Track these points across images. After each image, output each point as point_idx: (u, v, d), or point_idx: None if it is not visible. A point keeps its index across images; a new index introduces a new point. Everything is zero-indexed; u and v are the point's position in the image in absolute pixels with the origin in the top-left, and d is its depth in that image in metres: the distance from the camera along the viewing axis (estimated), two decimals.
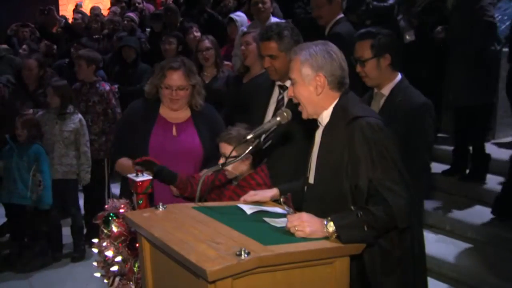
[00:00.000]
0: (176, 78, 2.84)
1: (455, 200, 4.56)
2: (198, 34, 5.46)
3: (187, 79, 2.87)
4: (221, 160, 2.54)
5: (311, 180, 2.14)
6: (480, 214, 4.30)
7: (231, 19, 5.28)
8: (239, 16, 5.33)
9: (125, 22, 7.14)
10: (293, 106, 2.21)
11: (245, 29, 4.76)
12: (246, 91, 3.01)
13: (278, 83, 2.87)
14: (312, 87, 2.04)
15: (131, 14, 7.43)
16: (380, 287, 2.02)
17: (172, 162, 2.75)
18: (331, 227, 1.82)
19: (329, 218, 1.84)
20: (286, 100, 2.81)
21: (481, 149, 4.65)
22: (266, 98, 2.88)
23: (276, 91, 2.88)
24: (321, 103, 2.07)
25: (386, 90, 2.72)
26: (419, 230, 2.15)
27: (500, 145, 5.22)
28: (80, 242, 4.67)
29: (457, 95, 4.54)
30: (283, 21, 3.84)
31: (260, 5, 4.67)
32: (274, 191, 2.30)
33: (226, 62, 4.71)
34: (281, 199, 2.16)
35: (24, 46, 7.10)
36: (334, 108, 2.07)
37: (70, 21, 8.87)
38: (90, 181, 4.69)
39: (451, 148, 4.87)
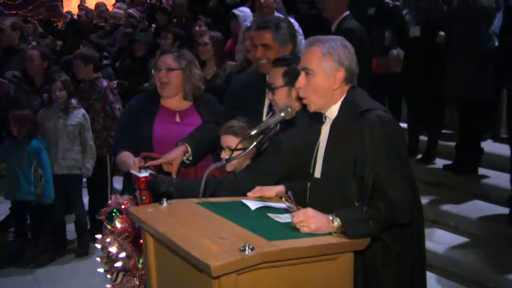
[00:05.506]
0: (164, 59, 2.91)
1: (459, 196, 4.55)
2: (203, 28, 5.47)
3: (176, 61, 2.90)
4: (224, 154, 2.53)
5: (317, 174, 2.13)
6: (485, 210, 4.28)
7: (234, 14, 5.27)
8: (242, 12, 5.31)
9: (127, 18, 7.16)
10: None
11: (248, 24, 4.74)
12: (235, 91, 2.95)
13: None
14: (330, 81, 2.03)
15: (130, 11, 7.43)
16: (377, 279, 2.02)
17: None
18: (337, 222, 1.82)
19: (335, 214, 1.84)
20: None
21: (476, 142, 4.65)
22: (259, 96, 2.81)
23: None
24: (333, 97, 2.07)
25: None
26: (419, 225, 2.15)
27: (505, 141, 5.19)
28: (84, 238, 4.67)
29: (455, 88, 4.53)
30: (281, 15, 3.81)
31: (262, 0, 4.65)
32: (280, 188, 2.27)
33: (230, 62, 4.69)
34: (283, 197, 2.15)
35: (34, 43, 7.09)
36: (343, 102, 2.07)
37: (75, 17, 8.85)
38: (94, 178, 4.69)
39: (454, 144, 4.86)
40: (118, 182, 5.27)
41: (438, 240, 4.06)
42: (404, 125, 5.07)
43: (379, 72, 5.02)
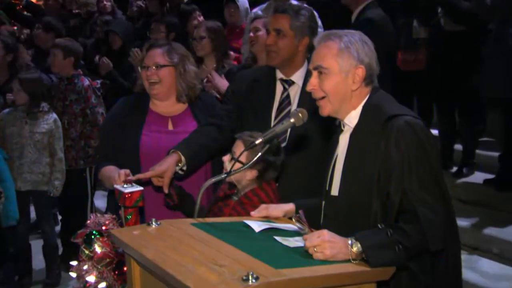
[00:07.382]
0: (153, 54, 2.91)
1: (504, 217, 4.54)
2: (201, 19, 5.51)
3: (166, 56, 2.91)
4: (225, 158, 2.57)
5: (334, 192, 2.17)
6: None
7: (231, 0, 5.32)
8: None
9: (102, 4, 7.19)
10: (306, 105, 2.23)
11: (260, 12, 4.78)
12: (239, 88, 3.00)
13: (280, 76, 2.88)
14: (349, 80, 2.08)
15: None
16: None
17: None
18: (357, 247, 1.85)
19: (355, 238, 1.86)
20: (293, 97, 2.84)
21: None
22: (268, 96, 2.88)
23: (279, 87, 2.89)
24: (352, 100, 2.11)
25: None
26: (455, 252, 2.18)
27: None
28: (54, 265, 4.68)
29: (494, 85, 4.54)
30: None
31: None
32: (289, 206, 2.31)
33: (232, 54, 4.71)
34: (293, 217, 2.18)
35: None
36: (364, 107, 2.11)
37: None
38: (69, 193, 4.70)
39: (497, 154, 4.88)
40: (100, 199, 5.29)
41: (479, 270, 4.06)
42: (435, 131, 5.09)
43: (406, 69, 5.06)
